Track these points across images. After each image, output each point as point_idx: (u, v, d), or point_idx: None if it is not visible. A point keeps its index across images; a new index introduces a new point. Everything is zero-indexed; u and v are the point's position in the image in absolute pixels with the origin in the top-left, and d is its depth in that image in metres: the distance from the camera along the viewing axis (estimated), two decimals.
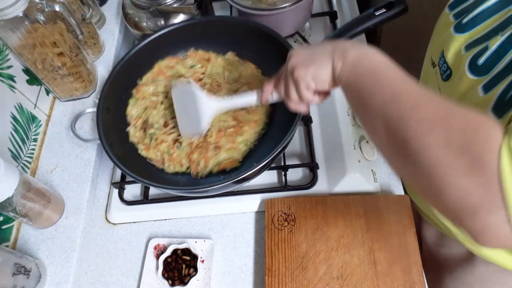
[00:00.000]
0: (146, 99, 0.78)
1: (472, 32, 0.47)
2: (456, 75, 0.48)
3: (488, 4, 0.46)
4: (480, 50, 0.45)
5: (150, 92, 0.79)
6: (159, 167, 0.73)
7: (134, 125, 0.76)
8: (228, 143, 0.71)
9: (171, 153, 0.73)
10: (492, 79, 0.44)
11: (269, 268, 0.64)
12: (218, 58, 0.82)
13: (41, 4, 0.70)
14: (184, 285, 0.65)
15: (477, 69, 0.46)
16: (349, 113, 0.78)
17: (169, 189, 0.66)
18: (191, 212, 0.75)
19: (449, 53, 0.50)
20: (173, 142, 0.73)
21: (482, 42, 0.46)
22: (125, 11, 0.86)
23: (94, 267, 0.72)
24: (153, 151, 0.73)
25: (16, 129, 0.76)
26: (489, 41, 0.45)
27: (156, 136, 0.74)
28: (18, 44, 0.72)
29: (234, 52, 0.82)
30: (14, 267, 0.60)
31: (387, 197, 0.68)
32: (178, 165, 0.72)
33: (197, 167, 0.71)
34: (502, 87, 0.42)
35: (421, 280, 0.61)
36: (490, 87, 0.44)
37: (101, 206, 0.78)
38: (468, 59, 0.46)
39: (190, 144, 0.73)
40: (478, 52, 0.45)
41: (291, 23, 0.85)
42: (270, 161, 0.63)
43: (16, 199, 0.62)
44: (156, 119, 0.76)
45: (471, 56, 0.46)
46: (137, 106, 0.78)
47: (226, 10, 0.98)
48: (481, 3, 0.47)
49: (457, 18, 0.50)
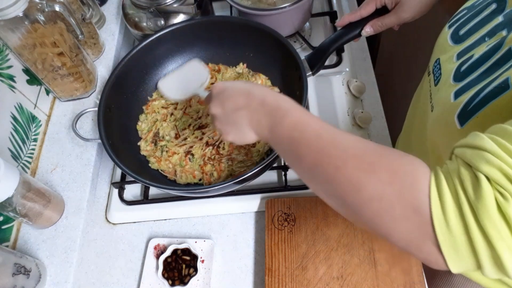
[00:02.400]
0: (156, 112, 0.80)
1: (466, 41, 0.48)
2: (443, 80, 0.49)
3: (482, 16, 0.47)
4: (467, 58, 0.46)
5: (160, 106, 0.80)
6: (171, 178, 0.74)
7: (145, 139, 0.77)
8: (241, 155, 0.72)
9: (183, 165, 0.73)
10: (462, 87, 0.45)
11: (269, 268, 0.64)
12: (228, 70, 0.83)
13: (41, 4, 0.70)
14: (184, 285, 0.65)
15: (458, 76, 0.47)
16: (349, 113, 0.78)
17: (169, 189, 0.66)
18: (191, 212, 0.75)
19: (443, 60, 0.51)
20: (185, 154, 0.74)
21: (471, 49, 0.47)
22: (125, 11, 0.86)
23: (94, 267, 0.72)
24: (165, 163, 0.74)
25: (16, 129, 0.76)
26: (476, 49, 0.46)
27: (167, 148, 0.75)
28: (18, 44, 0.72)
29: (244, 64, 0.83)
30: (14, 267, 0.60)
31: None
32: (191, 176, 0.73)
33: (210, 178, 0.72)
34: (469, 95, 0.43)
35: (421, 280, 0.61)
36: (459, 94, 0.45)
37: (101, 206, 0.78)
38: (456, 66, 0.47)
39: (202, 155, 0.73)
40: (465, 60, 0.46)
41: (291, 23, 0.85)
42: (271, 161, 0.64)
43: (16, 199, 0.62)
44: (167, 131, 0.77)
45: (458, 63, 0.47)
46: (147, 121, 0.79)
47: (226, 10, 0.98)
48: (477, 15, 0.48)
49: (455, 31, 0.51)
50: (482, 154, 0.32)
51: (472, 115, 0.42)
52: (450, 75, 0.48)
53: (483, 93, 0.41)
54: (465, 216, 0.31)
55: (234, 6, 0.83)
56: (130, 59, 0.77)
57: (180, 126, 0.77)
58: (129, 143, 0.77)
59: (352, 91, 0.81)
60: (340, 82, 0.82)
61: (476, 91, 0.42)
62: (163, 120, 0.78)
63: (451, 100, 0.46)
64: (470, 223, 0.30)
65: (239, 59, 0.83)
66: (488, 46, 0.44)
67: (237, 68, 0.83)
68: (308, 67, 0.71)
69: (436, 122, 0.50)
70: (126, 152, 0.73)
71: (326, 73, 0.86)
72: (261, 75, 0.81)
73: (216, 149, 0.73)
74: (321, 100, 0.83)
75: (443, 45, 0.53)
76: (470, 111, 0.42)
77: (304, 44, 0.89)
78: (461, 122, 0.43)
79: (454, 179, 0.33)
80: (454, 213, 0.31)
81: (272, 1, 0.80)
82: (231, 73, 0.82)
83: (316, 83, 0.85)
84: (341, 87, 0.81)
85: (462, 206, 0.31)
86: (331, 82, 0.83)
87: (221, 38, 0.82)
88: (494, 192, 0.30)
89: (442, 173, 0.33)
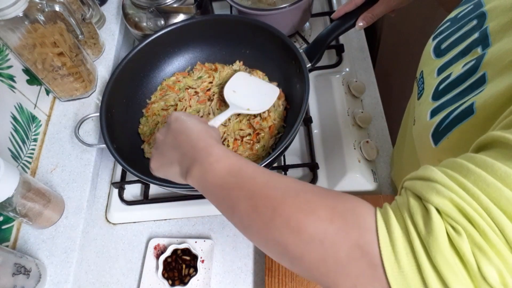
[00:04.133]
0: (156, 115, 0.80)
1: (446, 56, 0.48)
2: (424, 96, 0.49)
3: (463, 31, 0.47)
4: (445, 76, 0.46)
5: (160, 108, 0.80)
6: None
7: (148, 142, 0.77)
8: (246, 150, 0.72)
9: None
10: (438, 106, 0.44)
11: (269, 268, 0.64)
12: (225, 68, 0.83)
13: (41, 4, 0.70)
14: (184, 285, 0.65)
15: (436, 95, 0.46)
16: (349, 113, 0.78)
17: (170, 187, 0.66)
18: (191, 212, 0.75)
19: (426, 74, 0.51)
20: None
21: (450, 65, 0.46)
22: (125, 11, 0.86)
23: (94, 267, 0.72)
24: None
25: (16, 129, 0.76)
26: (454, 65, 0.45)
27: None
28: (18, 44, 0.72)
29: (241, 61, 0.83)
30: (14, 267, 0.60)
31: (387, 197, 0.68)
32: None
33: None
34: (442, 116, 0.42)
35: None
36: (435, 113, 0.44)
37: (101, 206, 0.78)
38: (436, 83, 0.47)
39: None
40: (443, 79, 0.46)
41: (291, 23, 0.85)
42: (271, 161, 0.64)
43: (16, 199, 0.62)
44: None
45: (438, 81, 0.47)
46: (148, 124, 0.79)
47: (226, 10, 0.98)
48: (458, 30, 0.47)
49: (437, 44, 0.51)
50: (432, 185, 0.30)
51: (443, 136, 0.41)
52: (430, 92, 0.47)
53: (452, 115, 0.40)
54: (417, 254, 0.28)
55: (234, 6, 0.83)
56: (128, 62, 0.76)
57: None
58: (133, 146, 0.77)
59: (352, 91, 0.81)
60: (340, 82, 0.82)
61: (448, 113, 0.41)
62: (164, 122, 0.78)
63: (427, 118, 0.45)
64: (422, 262, 0.28)
65: (236, 57, 0.84)
66: (464, 66, 0.43)
67: (234, 66, 0.83)
68: (307, 59, 0.72)
69: (416, 136, 0.50)
70: (130, 155, 0.72)
71: (326, 73, 0.86)
72: (258, 72, 0.81)
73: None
74: (321, 100, 0.83)
75: (427, 57, 0.52)
76: (442, 132, 0.41)
77: (304, 44, 0.89)
78: (435, 141, 0.42)
79: (404, 213, 0.31)
80: (405, 250, 0.29)
81: (272, 1, 0.80)
82: (228, 71, 0.83)
83: (316, 83, 0.85)
84: (341, 87, 0.81)
85: (413, 243, 0.29)
86: (331, 82, 0.83)
87: (217, 37, 0.82)
88: (446, 226, 0.28)
89: (391, 209, 0.32)
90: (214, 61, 0.85)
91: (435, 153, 0.42)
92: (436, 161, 0.44)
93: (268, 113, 0.75)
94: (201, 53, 0.85)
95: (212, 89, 0.81)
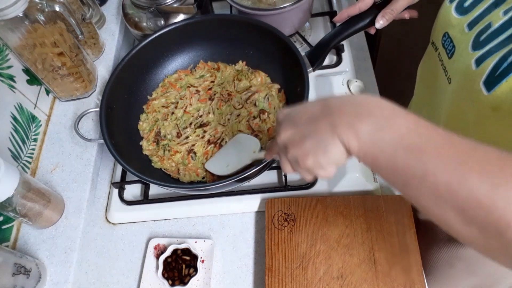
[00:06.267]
0: (156, 112, 0.80)
1: (473, 11, 0.49)
2: (459, 51, 0.49)
3: None
4: (485, 27, 0.47)
5: (161, 105, 0.80)
6: (174, 176, 0.74)
7: (147, 138, 0.77)
8: None
9: (186, 164, 0.73)
10: (483, 54, 0.45)
11: (269, 268, 0.64)
12: (228, 68, 0.83)
13: (41, 4, 0.70)
14: (184, 285, 0.65)
15: (477, 44, 0.47)
16: None
17: (170, 187, 0.66)
18: (191, 212, 0.75)
19: (453, 33, 0.52)
20: (187, 152, 0.74)
21: (483, 17, 0.47)
22: (125, 11, 0.86)
23: (94, 267, 0.72)
24: (168, 162, 0.74)
25: (16, 129, 0.76)
26: (489, 15, 0.46)
27: (169, 147, 0.75)
28: (18, 44, 0.72)
29: (244, 61, 0.83)
30: (14, 267, 0.60)
31: (387, 197, 0.68)
32: (194, 175, 0.73)
33: (213, 176, 0.72)
34: (494, 61, 0.43)
35: (421, 280, 0.61)
36: (481, 61, 0.44)
37: (101, 206, 0.78)
38: (473, 36, 0.48)
39: (205, 154, 0.73)
40: (483, 29, 0.47)
41: (291, 23, 0.85)
42: (271, 161, 0.64)
43: (16, 199, 0.62)
44: (168, 130, 0.77)
45: (476, 33, 0.47)
46: (148, 120, 0.79)
47: (226, 10, 0.98)
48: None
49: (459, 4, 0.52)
50: None
51: (501, 80, 0.41)
52: (468, 45, 0.47)
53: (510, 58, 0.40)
54: None
55: (234, 6, 0.83)
56: (131, 59, 0.77)
57: (181, 125, 0.77)
58: (131, 143, 0.77)
59: (352, 91, 0.81)
60: (340, 82, 0.82)
61: (503, 56, 0.41)
62: (164, 119, 0.78)
63: (473, 68, 0.45)
64: None
65: (239, 57, 0.84)
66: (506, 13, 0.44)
67: (237, 66, 0.83)
68: (308, 63, 0.72)
69: (456, 92, 0.50)
70: (129, 152, 0.73)
71: (326, 73, 0.86)
72: (261, 73, 0.81)
73: (218, 146, 0.73)
74: None
75: (448, 19, 0.53)
76: (498, 77, 0.41)
77: (304, 44, 0.89)
78: (488, 88, 0.42)
79: None
80: None
81: (272, 1, 0.80)
82: (230, 71, 0.83)
83: (316, 83, 0.85)
84: (341, 87, 0.81)
85: None
86: (331, 82, 0.83)
87: (221, 36, 0.82)
88: None
89: None
90: (217, 60, 0.85)
91: (489, 100, 0.41)
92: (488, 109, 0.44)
93: (267, 114, 0.75)
94: (204, 52, 0.85)
95: (214, 88, 0.81)
